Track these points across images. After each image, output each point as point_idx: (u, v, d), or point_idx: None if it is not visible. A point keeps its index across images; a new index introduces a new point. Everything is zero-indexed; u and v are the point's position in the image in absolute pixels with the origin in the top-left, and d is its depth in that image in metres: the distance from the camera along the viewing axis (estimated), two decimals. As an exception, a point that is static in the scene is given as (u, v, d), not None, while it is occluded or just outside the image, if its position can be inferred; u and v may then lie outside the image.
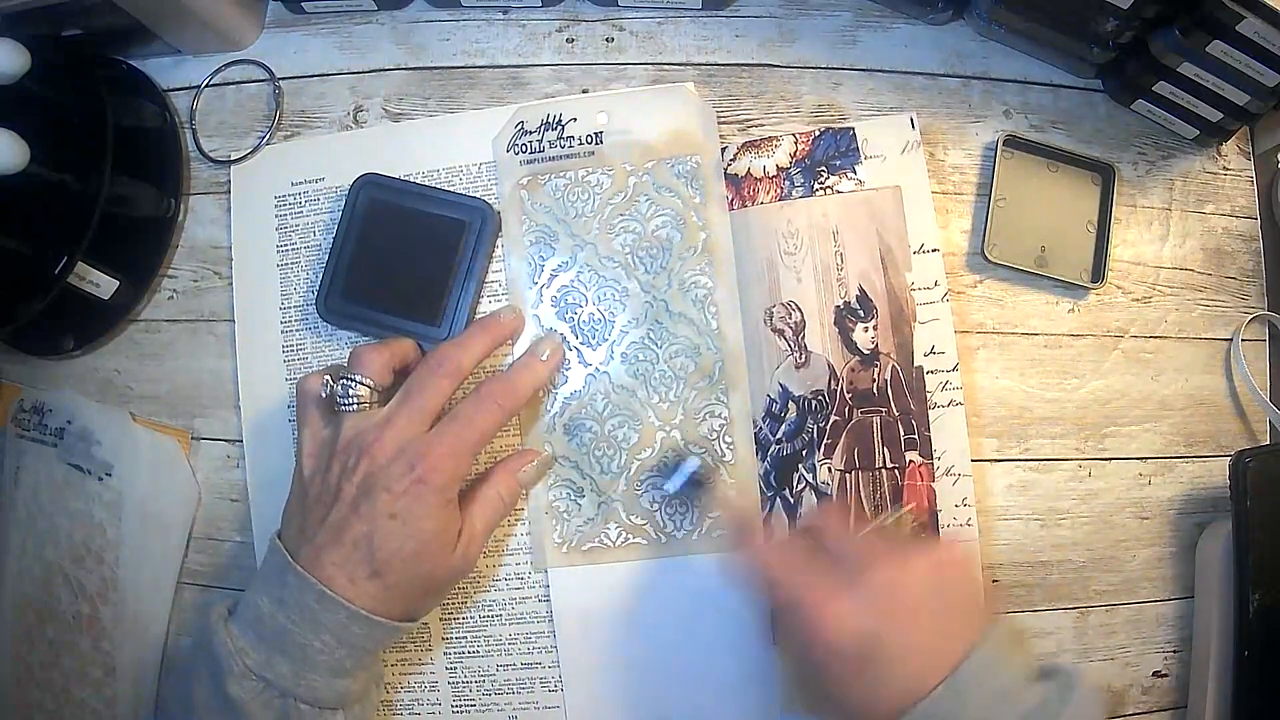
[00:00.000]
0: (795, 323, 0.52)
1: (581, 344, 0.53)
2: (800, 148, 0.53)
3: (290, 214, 0.56)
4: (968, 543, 0.51)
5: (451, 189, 0.55)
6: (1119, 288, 0.55)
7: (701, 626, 0.52)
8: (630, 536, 0.52)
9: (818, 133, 0.54)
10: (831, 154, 0.53)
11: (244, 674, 0.42)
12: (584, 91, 0.56)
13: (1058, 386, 0.54)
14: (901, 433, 0.51)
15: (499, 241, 0.54)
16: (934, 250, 0.52)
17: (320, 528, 0.44)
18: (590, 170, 0.54)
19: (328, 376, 0.48)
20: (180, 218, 0.57)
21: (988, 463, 0.54)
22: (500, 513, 0.50)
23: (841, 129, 0.53)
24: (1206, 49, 0.47)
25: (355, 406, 0.47)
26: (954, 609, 0.41)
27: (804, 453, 0.52)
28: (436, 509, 0.45)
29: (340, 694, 0.44)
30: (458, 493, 0.47)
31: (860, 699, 0.39)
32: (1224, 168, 0.56)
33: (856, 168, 0.53)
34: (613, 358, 0.53)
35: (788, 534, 0.51)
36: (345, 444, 0.46)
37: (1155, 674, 0.53)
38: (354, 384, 0.47)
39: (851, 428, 0.52)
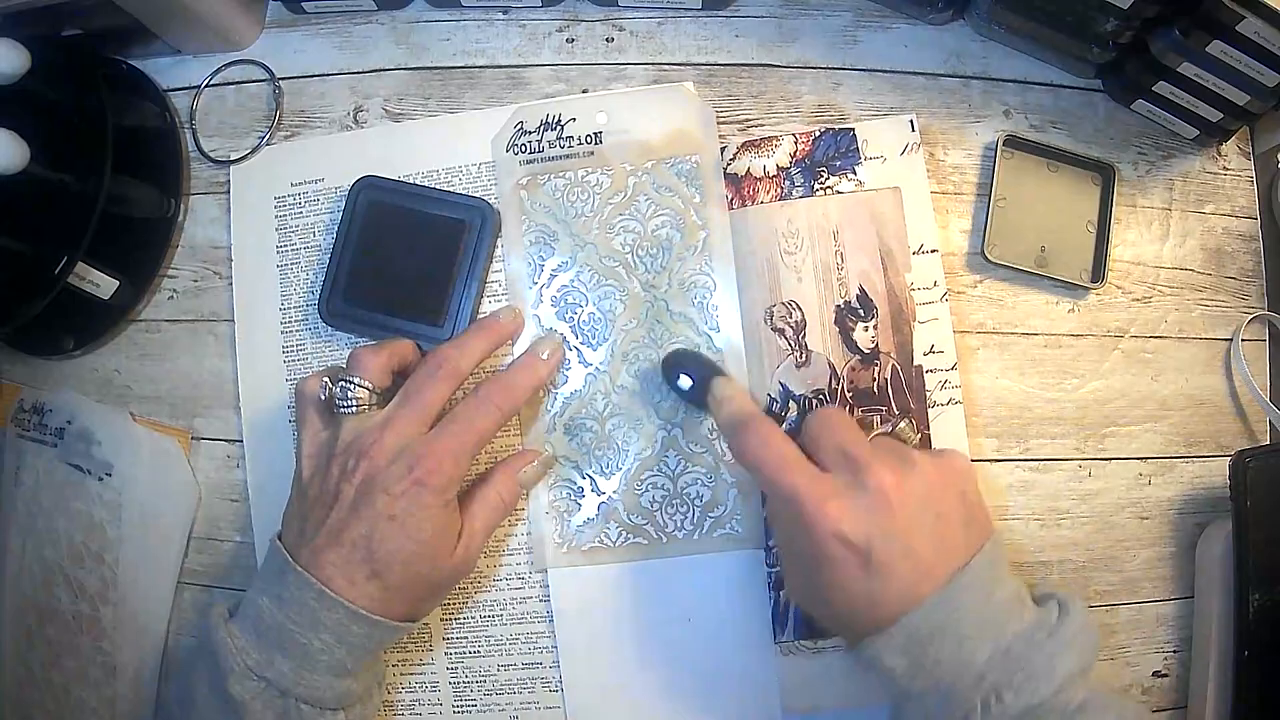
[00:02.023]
0: (796, 322, 0.52)
1: (581, 344, 0.53)
2: (800, 148, 0.53)
3: (290, 214, 0.56)
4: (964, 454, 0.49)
5: (451, 189, 0.55)
6: (1119, 288, 0.55)
7: (702, 626, 0.52)
8: (630, 536, 0.52)
9: (818, 133, 0.54)
10: (831, 155, 0.53)
11: (244, 673, 0.42)
12: (584, 91, 0.56)
13: (1057, 386, 0.54)
14: (901, 433, 0.51)
15: (499, 242, 0.54)
16: (933, 251, 0.52)
17: (320, 529, 0.44)
18: (590, 170, 0.54)
19: (326, 379, 0.48)
20: (180, 218, 0.57)
21: (987, 462, 0.54)
22: (500, 513, 0.50)
23: (842, 130, 0.53)
24: (1206, 49, 0.47)
25: (354, 408, 0.47)
26: (953, 517, 0.41)
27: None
28: (435, 510, 0.45)
29: (341, 694, 0.44)
30: (457, 493, 0.47)
31: (855, 601, 0.39)
32: (1224, 168, 0.56)
33: (856, 169, 0.53)
34: (613, 357, 0.53)
35: (790, 430, 0.49)
36: (344, 446, 0.46)
37: (1155, 674, 0.53)
38: (352, 386, 0.47)
39: (851, 428, 0.52)
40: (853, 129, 0.53)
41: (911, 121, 0.53)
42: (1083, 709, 0.38)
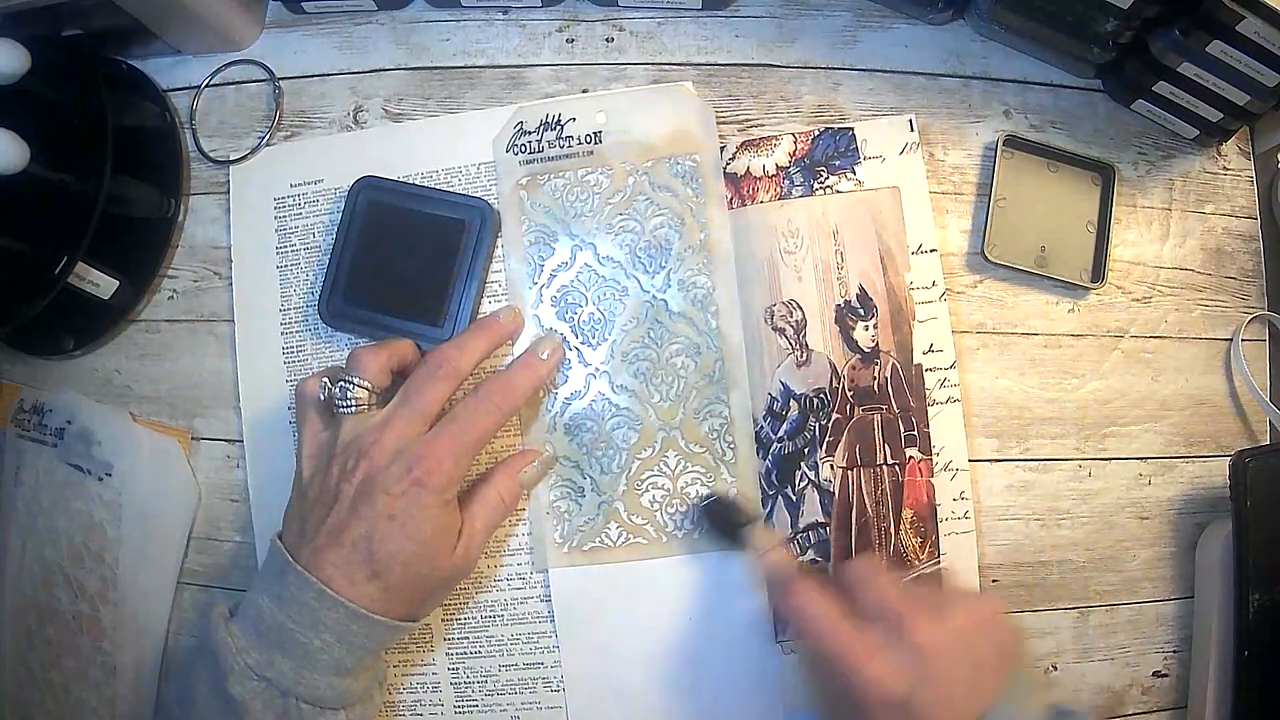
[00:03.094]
0: (796, 321, 0.52)
1: (581, 344, 0.53)
2: (799, 147, 0.54)
3: (290, 215, 0.56)
4: (993, 593, 0.53)
5: (451, 189, 0.55)
6: (1119, 288, 0.55)
7: (703, 626, 0.52)
8: (631, 536, 0.52)
9: (817, 133, 0.54)
10: (830, 154, 0.53)
11: (245, 673, 0.42)
12: (584, 91, 0.56)
13: (1057, 386, 0.54)
14: (901, 429, 0.51)
15: (499, 242, 0.54)
16: (932, 251, 0.52)
17: (320, 530, 0.44)
18: (589, 170, 0.54)
19: (326, 379, 0.48)
20: (180, 218, 0.57)
21: (987, 463, 0.54)
22: (501, 513, 0.50)
23: (841, 129, 0.53)
24: (1206, 49, 0.47)
25: (354, 408, 0.47)
26: (985, 663, 0.42)
27: (806, 450, 0.52)
28: (435, 510, 0.45)
29: (341, 694, 0.44)
30: (457, 493, 0.47)
31: None
32: (1224, 168, 0.56)
33: (855, 168, 0.53)
34: (613, 357, 0.53)
35: (824, 579, 0.50)
36: (344, 446, 0.46)
37: (1155, 674, 0.53)
38: (352, 386, 0.47)
39: (853, 425, 0.52)
40: (851, 128, 0.53)
41: (910, 121, 0.53)
42: None
